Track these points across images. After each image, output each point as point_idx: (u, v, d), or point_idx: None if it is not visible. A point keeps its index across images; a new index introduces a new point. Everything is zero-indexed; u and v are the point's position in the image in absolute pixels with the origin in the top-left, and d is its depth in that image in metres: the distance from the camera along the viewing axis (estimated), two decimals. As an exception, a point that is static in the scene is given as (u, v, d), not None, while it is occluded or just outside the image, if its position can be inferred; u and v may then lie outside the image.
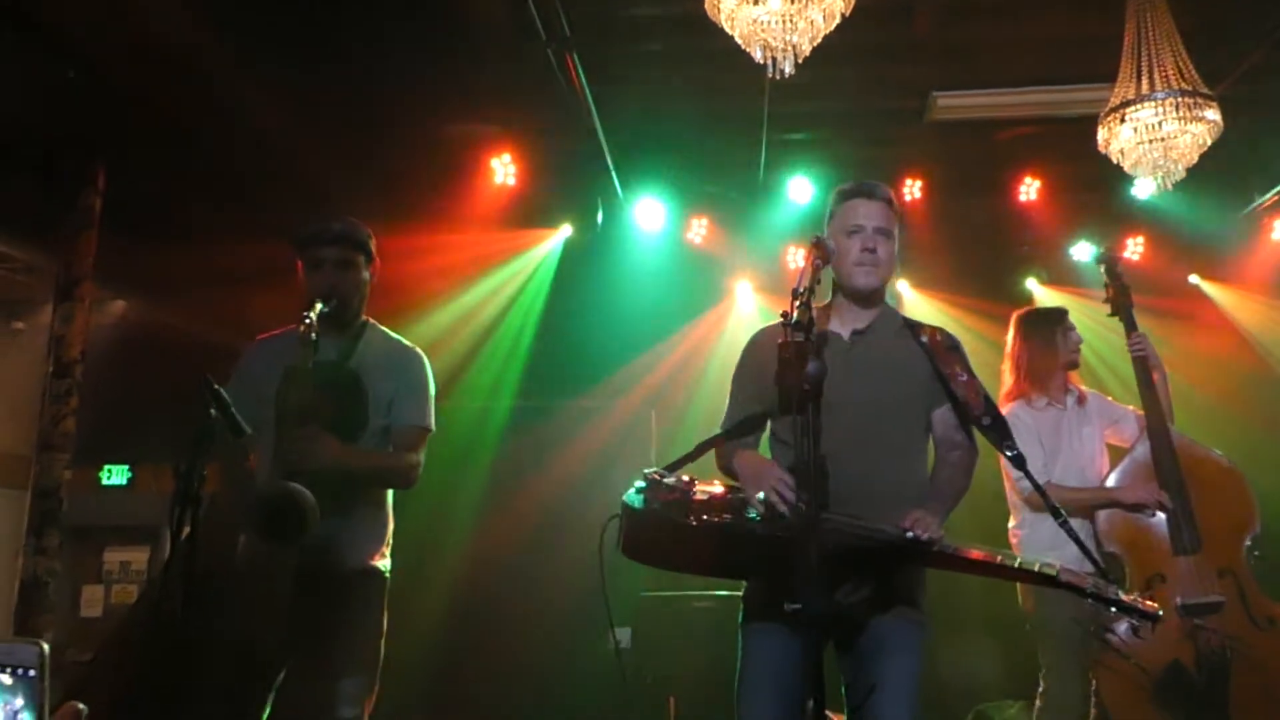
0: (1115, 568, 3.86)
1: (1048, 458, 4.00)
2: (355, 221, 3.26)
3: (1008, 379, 4.23)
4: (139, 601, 3.57)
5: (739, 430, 2.84)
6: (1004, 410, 4.09)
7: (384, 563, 3.24)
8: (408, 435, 3.24)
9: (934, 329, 2.84)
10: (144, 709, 2.62)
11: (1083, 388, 4.22)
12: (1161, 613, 2.46)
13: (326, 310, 3.01)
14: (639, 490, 2.54)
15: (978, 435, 2.78)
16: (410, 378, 3.28)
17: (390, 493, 3.31)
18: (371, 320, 3.34)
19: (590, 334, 6.46)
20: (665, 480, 2.56)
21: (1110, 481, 4.01)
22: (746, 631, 2.73)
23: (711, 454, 2.84)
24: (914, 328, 2.83)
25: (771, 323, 2.98)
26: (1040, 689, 4.02)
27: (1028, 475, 2.80)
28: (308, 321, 2.94)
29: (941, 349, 2.77)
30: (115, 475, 6.53)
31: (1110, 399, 4.35)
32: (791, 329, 2.19)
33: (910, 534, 2.42)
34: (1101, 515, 3.91)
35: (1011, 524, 4.11)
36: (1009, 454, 2.64)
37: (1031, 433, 4.02)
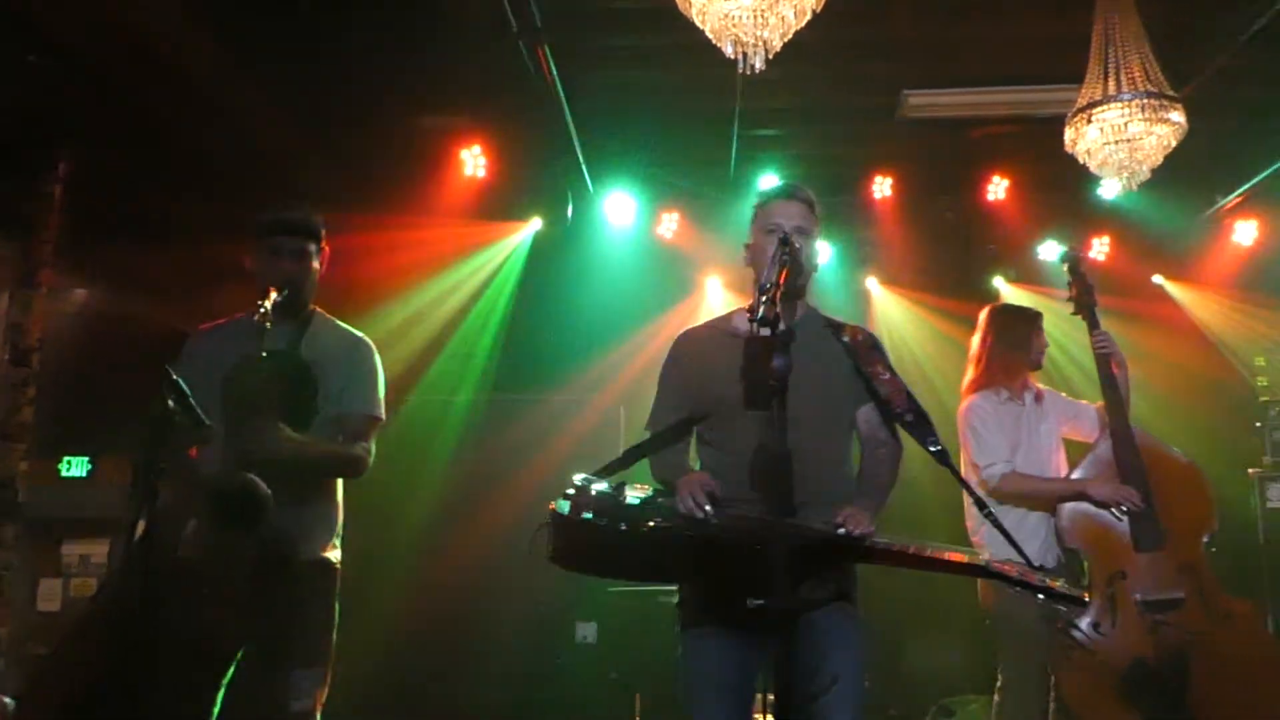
0: (1076, 564, 3.90)
1: (1010, 451, 4.02)
2: (310, 210, 3.27)
3: (972, 370, 4.25)
4: (98, 594, 3.53)
5: (669, 437, 2.84)
6: (966, 401, 4.14)
7: (335, 554, 3.23)
8: (357, 424, 3.24)
9: (855, 328, 2.86)
10: (101, 702, 2.59)
11: (1039, 386, 4.25)
12: (1088, 597, 2.49)
13: (280, 299, 3.00)
14: (567, 497, 2.51)
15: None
16: (360, 367, 3.28)
17: (340, 483, 3.30)
18: (319, 309, 3.33)
19: (559, 328, 6.44)
20: (595, 486, 2.53)
21: (1075, 477, 4.04)
22: (687, 638, 2.73)
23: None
24: (836, 327, 2.85)
25: (696, 325, 3.03)
26: (999, 684, 4.05)
27: (952, 469, 2.76)
28: (263, 310, 2.94)
29: (863, 348, 2.79)
30: (74, 467, 6.43)
31: (1065, 395, 4.39)
32: (758, 324, 2.18)
33: (842, 530, 2.44)
34: (1064, 513, 3.94)
35: (970, 524, 4.12)
36: (932, 450, 2.63)
37: (996, 422, 4.05)
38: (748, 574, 2.18)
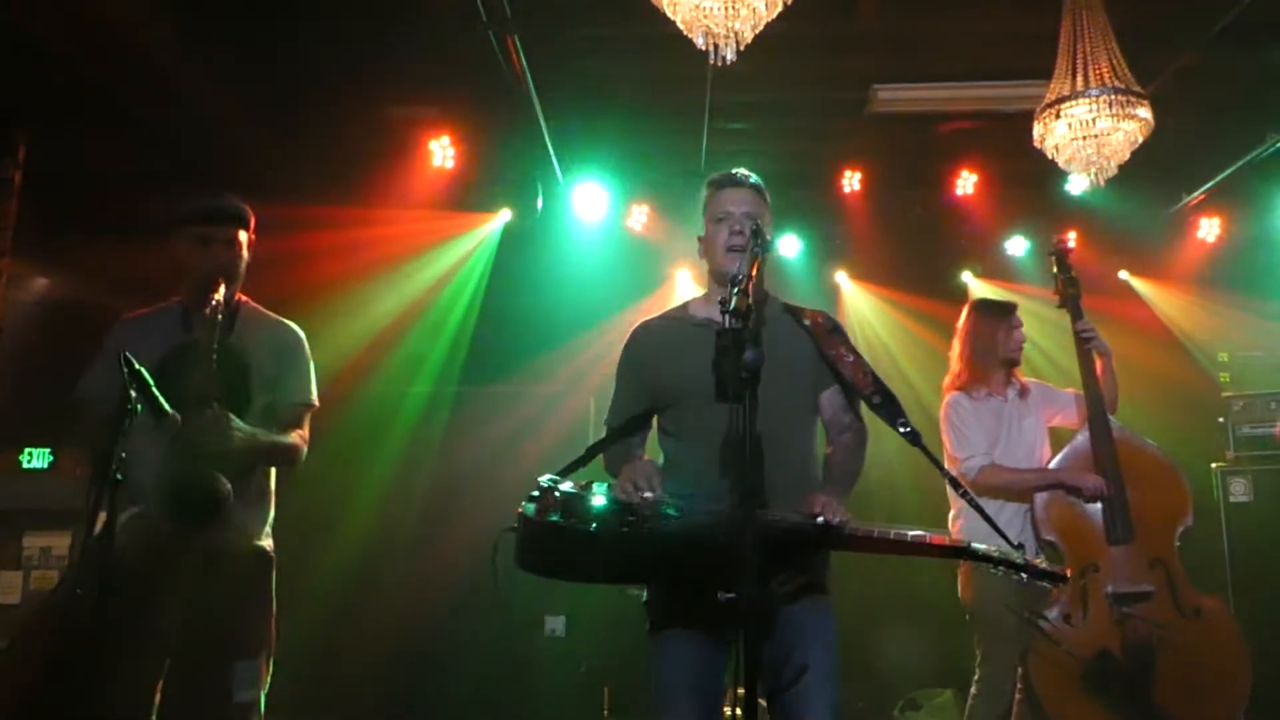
0: (1052, 556, 3.93)
1: (989, 445, 4.05)
2: (238, 200, 3.27)
3: (954, 365, 4.28)
4: (57, 588, 3.49)
5: (626, 429, 2.81)
6: (946, 398, 4.17)
7: (270, 543, 3.23)
8: (295, 412, 3.26)
9: (815, 312, 2.84)
10: (56, 696, 2.56)
11: (1024, 380, 4.28)
12: (1070, 573, 2.49)
13: (227, 293, 3.03)
14: (532, 499, 2.48)
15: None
16: (291, 355, 3.29)
17: (273, 473, 3.28)
18: (246, 299, 3.32)
19: (528, 320, 6.42)
20: (559, 488, 2.49)
21: (1051, 466, 4.08)
22: (657, 640, 2.70)
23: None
24: (794, 312, 2.83)
25: (652, 317, 3.02)
26: (976, 676, 4.08)
27: (924, 449, 2.67)
28: (215, 302, 2.96)
29: (823, 331, 2.77)
30: (36, 458, 6.34)
31: (1051, 386, 4.42)
32: (730, 316, 2.17)
33: (820, 519, 2.40)
34: (1039, 504, 3.97)
35: (951, 514, 4.15)
36: (903, 430, 2.60)
37: (975, 418, 4.08)
38: (720, 569, 2.16)
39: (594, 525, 2.41)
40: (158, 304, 3.27)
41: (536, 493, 2.49)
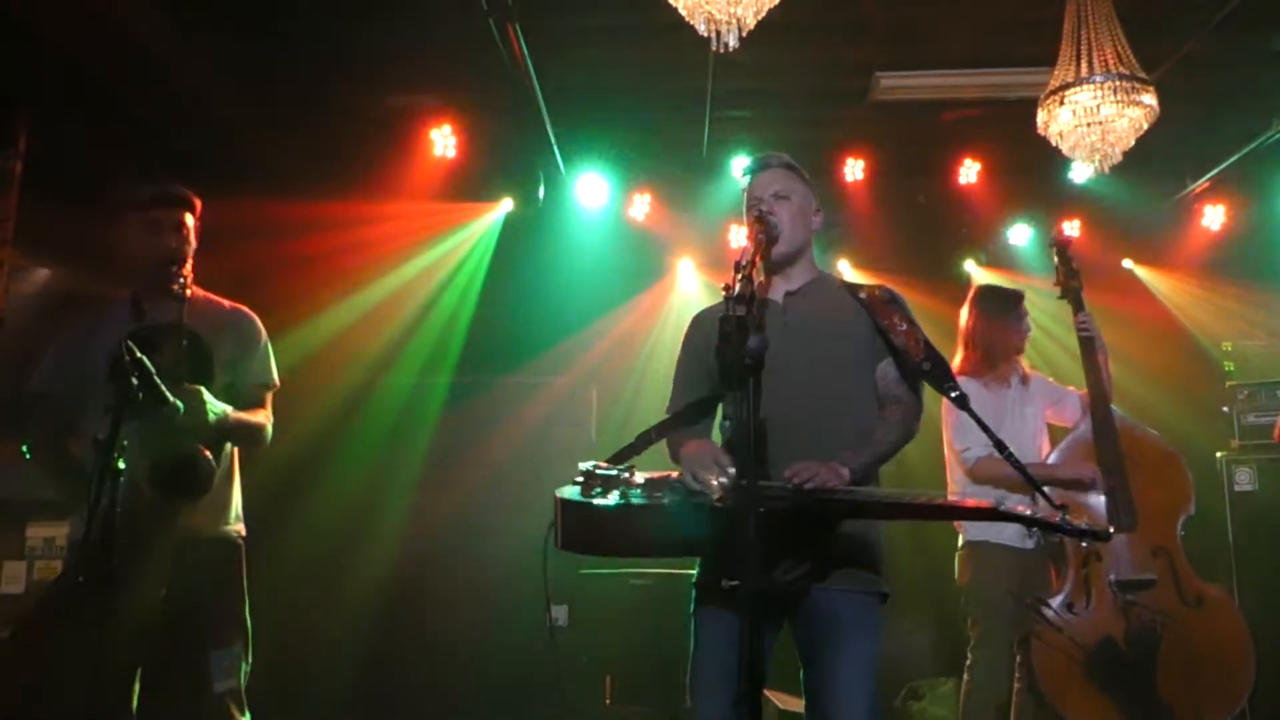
0: (1054, 545, 3.93)
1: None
2: (183, 186, 3.27)
3: (961, 351, 4.28)
4: (60, 578, 3.49)
5: (685, 416, 2.81)
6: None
7: (241, 527, 3.23)
8: (258, 394, 3.27)
9: (872, 286, 2.83)
10: (61, 686, 2.56)
11: (1027, 369, 4.28)
12: (1113, 530, 2.41)
13: (183, 277, 3.02)
14: (576, 483, 2.49)
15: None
16: (248, 336, 3.29)
17: (237, 456, 3.28)
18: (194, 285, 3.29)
19: (531, 310, 6.41)
20: (603, 471, 2.51)
21: (1051, 459, 4.09)
22: (698, 617, 2.71)
23: (658, 445, 2.79)
24: (852, 288, 2.83)
25: (714, 303, 2.95)
26: (968, 662, 4.09)
27: (975, 417, 2.67)
28: (182, 281, 2.97)
29: (880, 303, 2.76)
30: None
31: (1051, 380, 4.42)
32: (733, 302, 2.16)
33: (793, 484, 2.35)
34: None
35: (952, 495, 4.14)
36: (953, 395, 2.60)
37: (977, 406, 4.06)
38: (731, 552, 2.15)
39: (635, 501, 2.43)
40: (105, 297, 3.26)
41: (579, 478, 2.50)
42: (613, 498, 2.43)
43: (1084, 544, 2.48)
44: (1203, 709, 3.69)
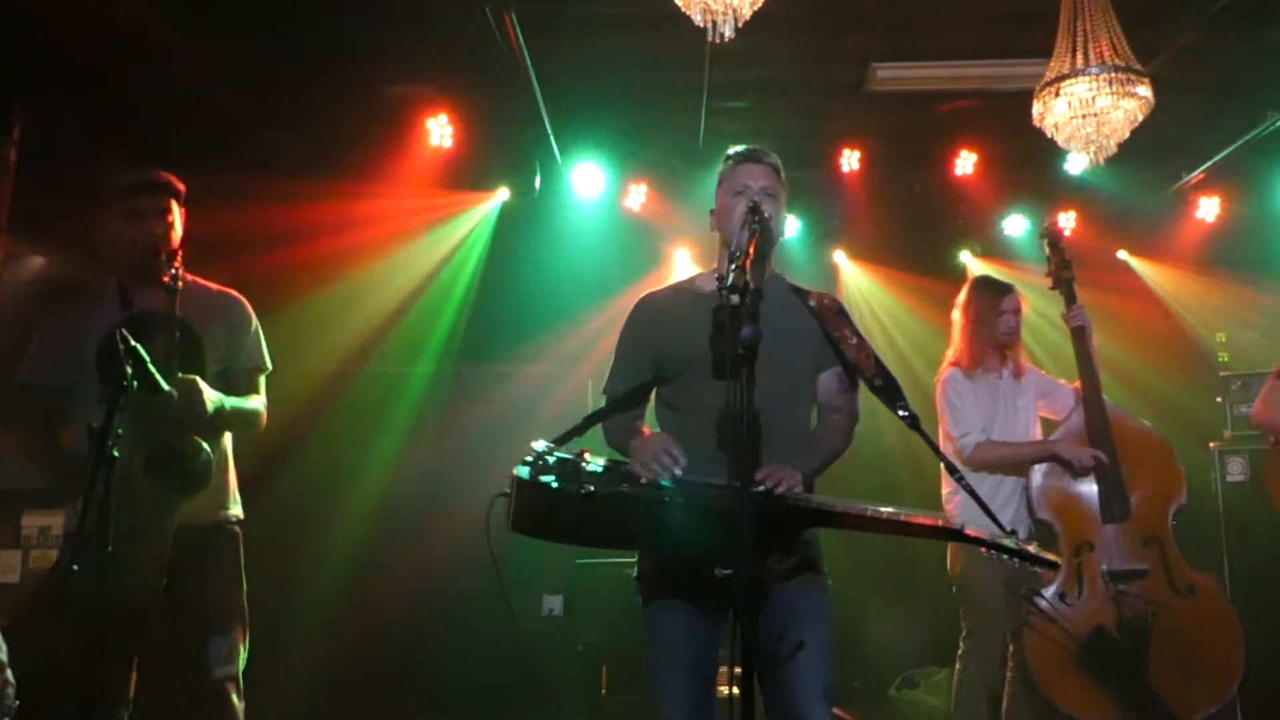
0: (1047, 535, 3.96)
1: (985, 423, 4.07)
2: (169, 172, 3.25)
3: (954, 340, 4.29)
4: (55, 567, 3.50)
5: (627, 401, 2.80)
6: (942, 375, 4.18)
7: (238, 510, 3.24)
8: (251, 379, 3.26)
9: (821, 294, 2.83)
10: (60, 674, 2.57)
11: (1022, 361, 4.29)
12: (1061, 560, 2.47)
13: (175, 269, 3.00)
14: (527, 463, 2.47)
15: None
16: (238, 321, 3.28)
17: (230, 441, 3.28)
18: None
19: (526, 299, 6.41)
20: (555, 453, 2.50)
21: None
22: (649, 611, 2.70)
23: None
24: (802, 293, 2.82)
25: (659, 288, 3.00)
26: (960, 651, 4.11)
27: (922, 434, 2.65)
28: (174, 271, 2.95)
29: (829, 313, 2.76)
30: (34, 438, 6.35)
31: (1044, 372, 4.43)
32: (728, 292, 2.16)
33: (762, 487, 2.35)
34: (1035, 482, 3.99)
35: (945, 491, 4.17)
36: (902, 415, 2.60)
37: (972, 394, 4.10)
38: (714, 542, 2.16)
39: (586, 488, 2.40)
40: (92, 286, 3.24)
41: (530, 456, 2.48)
42: (569, 484, 2.41)
43: (1035, 569, 2.52)
44: (1194, 697, 3.72)
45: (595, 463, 2.50)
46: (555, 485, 2.41)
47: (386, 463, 6.01)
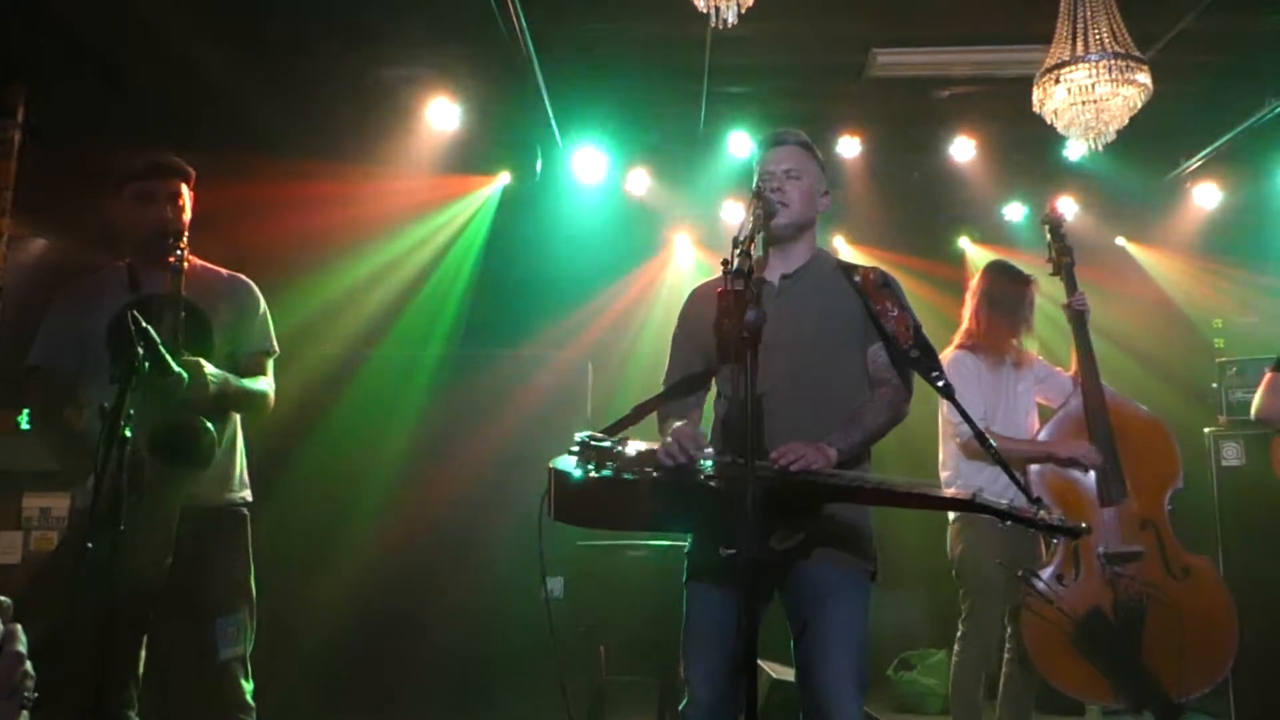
0: (1043, 519, 3.98)
1: (987, 409, 4.09)
2: (178, 156, 3.27)
3: (968, 324, 4.29)
4: (59, 548, 3.52)
5: (678, 390, 2.84)
6: (951, 355, 4.20)
7: (248, 493, 3.26)
8: (258, 361, 3.28)
9: (867, 269, 2.84)
10: (60, 656, 2.59)
11: (1023, 350, 4.31)
12: (1087, 526, 2.44)
13: (180, 249, 3.03)
14: (571, 453, 2.52)
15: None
16: (246, 304, 3.30)
17: (239, 422, 3.29)
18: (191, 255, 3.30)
19: (527, 283, 6.43)
20: (598, 443, 2.54)
21: (1043, 435, 4.14)
22: (690, 588, 2.75)
23: (652, 416, 2.83)
24: (846, 269, 2.84)
25: (710, 278, 2.97)
26: (959, 633, 4.15)
27: (959, 409, 2.66)
28: (179, 253, 2.98)
29: (873, 287, 2.77)
30: (36, 419, 6.36)
31: (1045, 361, 4.45)
32: (732, 277, 2.19)
33: (778, 465, 2.38)
34: (1033, 466, 4.03)
35: (944, 476, 4.20)
36: (938, 384, 2.62)
37: (976, 380, 4.12)
38: (724, 522, 2.19)
39: (627, 475, 2.44)
40: (100, 267, 3.25)
41: (574, 447, 2.53)
42: (606, 470, 2.46)
43: (1054, 539, 2.51)
44: (1187, 677, 3.75)
45: (636, 449, 2.55)
46: (581, 474, 2.45)
47: (384, 447, 6.02)
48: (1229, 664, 3.91)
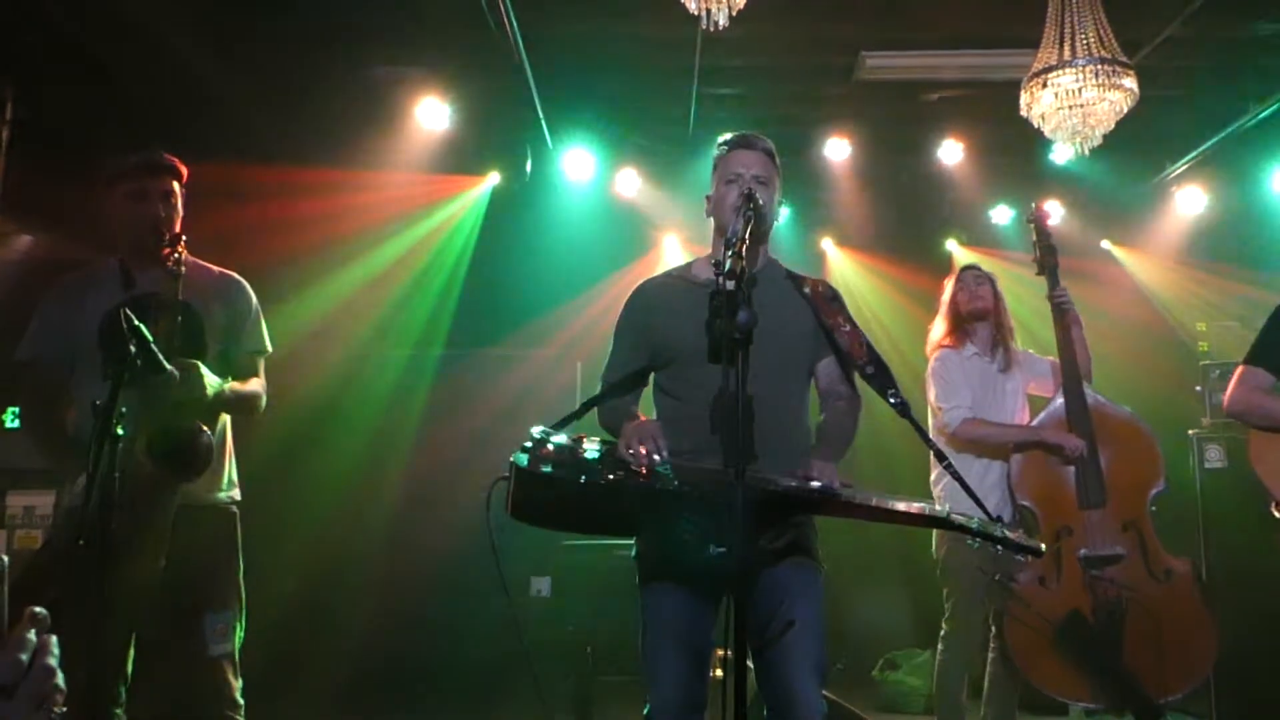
0: (1028, 520, 4.01)
1: (975, 399, 4.12)
2: (170, 154, 3.26)
3: (939, 326, 4.35)
4: (43, 548, 3.50)
5: (623, 386, 2.83)
6: (936, 353, 4.23)
7: (236, 493, 3.25)
8: (252, 361, 3.29)
9: (815, 280, 2.85)
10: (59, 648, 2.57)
11: (1014, 346, 4.33)
12: (1044, 547, 2.52)
13: (178, 252, 3.01)
14: (525, 449, 2.48)
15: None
16: (241, 305, 3.29)
17: (229, 423, 3.29)
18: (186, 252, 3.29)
19: (517, 283, 6.43)
20: (552, 439, 2.52)
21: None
22: (646, 592, 2.71)
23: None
24: (797, 279, 2.85)
25: (655, 275, 3.01)
26: (943, 631, 4.18)
27: (912, 421, 2.69)
28: (177, 256, 2.97)
29: (823, 300, 2.78)
30: (19, 417, 6.32)
31: (1033, 353, 4.48)
32: (724, 278, 2.19)
33: (817, 485, 2.41)
34: (1015, 469, 4.04)
35: (933, 475, 4.22)
36: (892, 401, 2.64)
37: (962, 372, 4.16)
38: (709, 525, 2.20)
39: (583, 477, 2.41)
40: (93, 264, 3.24)
41: (529, 443, 2.50)
42: (566, 470, 2.43)
43: (1018, 557, 2.55)
44: (1168, 678, 3.77)
45: (592, 449, 2.52)
46: (552, 473, 2.42)
47: (372, 446, 6.02)
48: (1209, 666, 3.93)
